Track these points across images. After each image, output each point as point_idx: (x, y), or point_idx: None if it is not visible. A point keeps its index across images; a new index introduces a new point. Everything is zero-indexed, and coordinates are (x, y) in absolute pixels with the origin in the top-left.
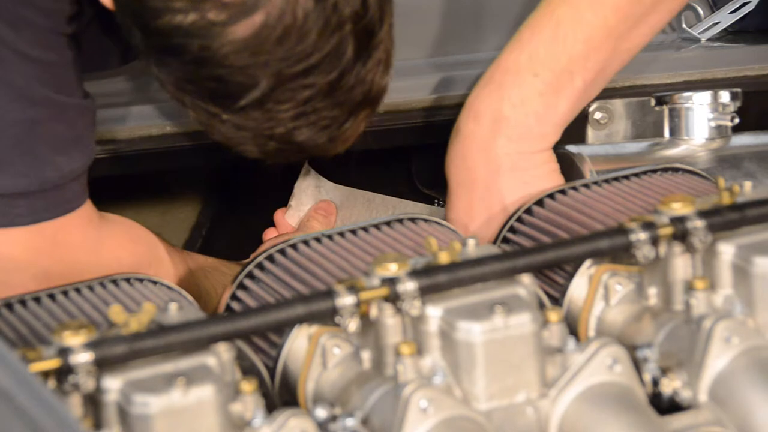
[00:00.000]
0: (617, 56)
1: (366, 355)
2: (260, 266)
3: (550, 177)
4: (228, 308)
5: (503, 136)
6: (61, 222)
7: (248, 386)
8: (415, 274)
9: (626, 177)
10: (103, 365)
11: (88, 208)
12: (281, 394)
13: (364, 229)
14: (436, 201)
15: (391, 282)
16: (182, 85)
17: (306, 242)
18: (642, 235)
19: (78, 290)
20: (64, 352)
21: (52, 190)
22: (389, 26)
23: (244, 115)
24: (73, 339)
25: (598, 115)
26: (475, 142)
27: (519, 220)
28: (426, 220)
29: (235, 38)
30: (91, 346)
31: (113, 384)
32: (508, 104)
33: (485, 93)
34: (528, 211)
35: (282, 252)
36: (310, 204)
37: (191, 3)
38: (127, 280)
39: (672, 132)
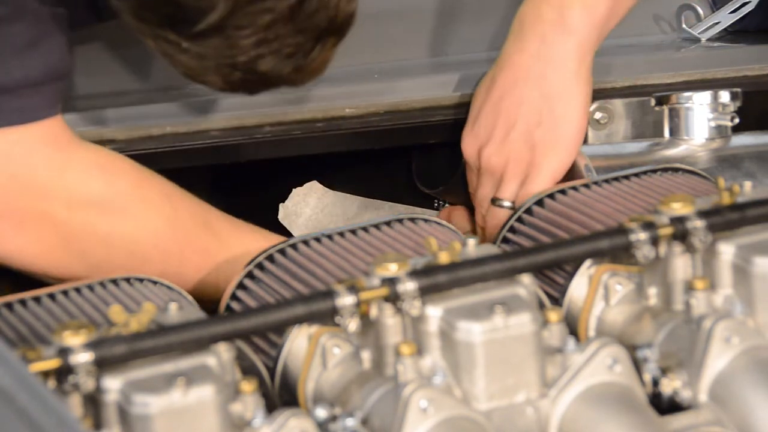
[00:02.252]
0: None
1: (366, 355)
2: (260, 266)
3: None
4: (228, 308)
5: (538, 34)
6: (18, 134)
7: (248, 386)
8: (415, 274)
9: (626, 177)
10: (103, 365)
11: (55, 125)
12: (281, 394)
13: (364, 229)
14: (436, 201)
15: (391, 282)
16: (141, 14)
17: (306, 242)
18: (642, 235)
19: (78, 290)
20: (64, 352)
21: (2, 95)
22: None
23: (204, 43)
24: (73, 339)
25: (598, 115)
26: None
27: (519, 220)
28: (426, 220)
29: None
30: (91, 346)
31: (113, 384)
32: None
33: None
34: (528, 211)
35: (282, 252)
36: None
37: None
38: (127, 280)
39: (672, 132)
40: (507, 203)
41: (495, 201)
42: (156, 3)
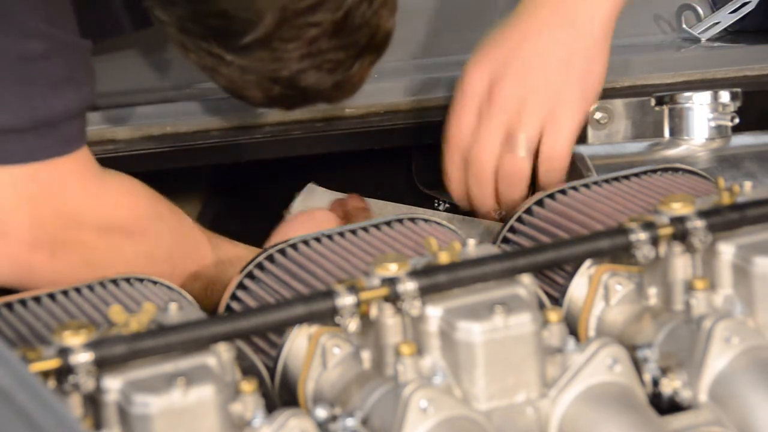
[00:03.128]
0: None
1: (366, 355)
2: (260, 266)
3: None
4: (228, 308)
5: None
6: (57, 166)
7: (248, 386)
8: (415, 274)
9: (626, 177)
10: (103, 365)
11: (85, 155)
12: (281, 394)
13: (364, 229)
14: (436, 201)
15: (391, 282)
16: (185, 26)
17: (306, 242)
18: (642, 235)
19: (78, 290)
20: (64, 352)
21: (44, 128)
22: None
23: (249, 56)
24: (73, 339)
25: (598, 115)
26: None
27: (519, 220)
28: (426, 220)
29: None
30: (91, 346)
31: (113, 384)
32: None
33: None
34: (528, 211)
35: (282, 252)
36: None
37: None
38: (127, 280)
39: (672, 132)
40: (523, 147)
41: (508, 145)
42: (204, 15)
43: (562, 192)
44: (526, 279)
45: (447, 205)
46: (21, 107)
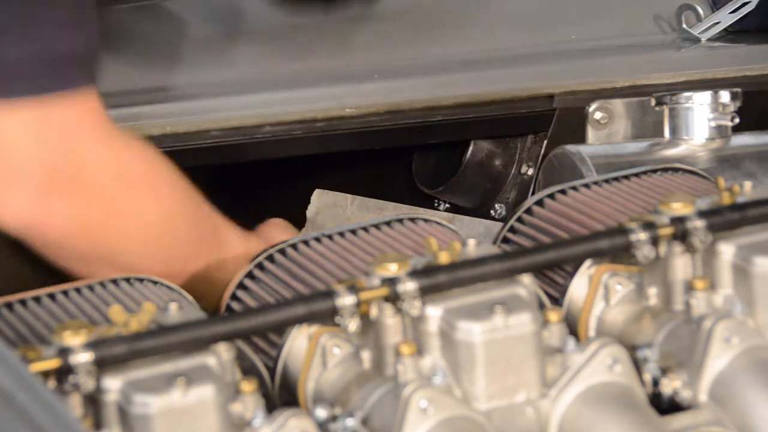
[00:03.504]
0: None
1: (366, 355)
2: (260, 266)
3: None
4: (228, 308)
5: None
6: (68, 105)
7: (248, 386)
8: (415, 274)
9: (626, 177)
10: (103, 365)
11: (97, 105)
12: (281, 394)
13: (364, 229)
14: (436, 201)
15: (391, 282)
16: None
17: (306, 242)
18: (642, 235)
19: (78, 290)
20: (64, 352)
21: (52, 61)
22: None
23: None
24: (73, 339)
25: (598, 115)
26: None
27: (519, 220)
28: (426, 220)
29: None
30: (91, 346)
31: (113, 384)
32: None
33: None
34: (528, 211)
35: (282, 252)
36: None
37: None
38: (127, 280)
39: (672, 132)
40: None
41: None
42: None
43: (562, 192)
44: (526, 279)
45: (447, 205)
46: (27, 41)
